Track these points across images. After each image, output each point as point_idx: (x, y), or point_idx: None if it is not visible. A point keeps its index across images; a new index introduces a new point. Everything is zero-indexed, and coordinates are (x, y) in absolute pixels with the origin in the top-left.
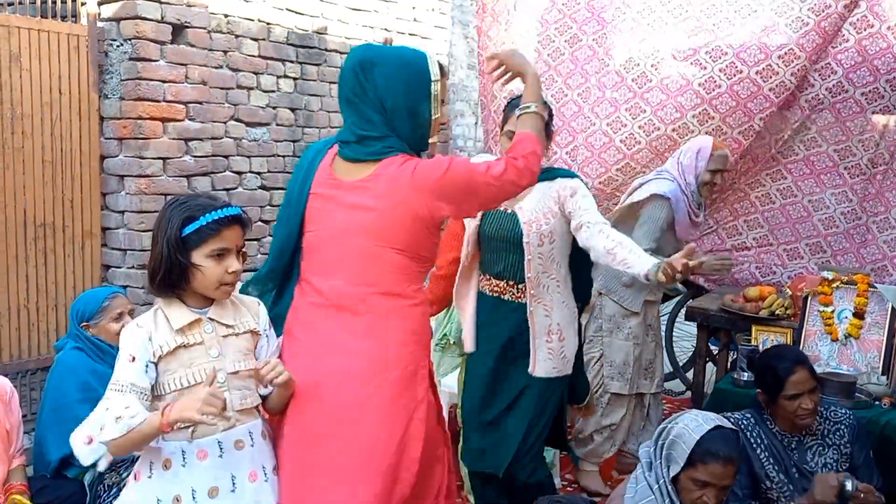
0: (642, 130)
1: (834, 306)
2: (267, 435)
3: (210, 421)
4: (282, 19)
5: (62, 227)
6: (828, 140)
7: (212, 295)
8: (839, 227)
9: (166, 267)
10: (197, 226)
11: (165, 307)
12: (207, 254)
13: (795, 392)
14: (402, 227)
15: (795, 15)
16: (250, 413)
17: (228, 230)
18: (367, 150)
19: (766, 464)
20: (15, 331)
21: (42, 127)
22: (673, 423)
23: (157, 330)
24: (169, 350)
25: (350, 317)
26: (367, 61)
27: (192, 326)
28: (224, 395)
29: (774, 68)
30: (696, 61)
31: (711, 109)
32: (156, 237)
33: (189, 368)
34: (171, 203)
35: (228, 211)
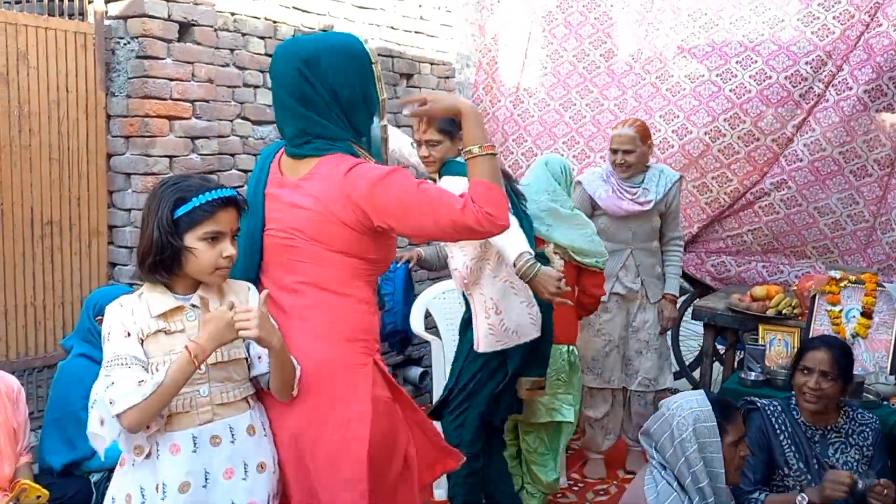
0: (675, 135)
1: (842, 305)
2: (257, 430)
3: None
4: (288, 17)
5: (69, 224)
6: (832, 142)
7: (206, 280)
8: (846, 228)
9: (157, 250)
10: (189, 207)
11: (148, 291)
12: (200, 236)
13: (807, 366)
14: (334, 229)
15: (821, 24)
16: (233, 407)
17: (223, 212)
18: (310, 146)
19: (788, 451)
20: (21, 328)
21: (49, 125)
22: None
23: (138, 313)
24: (150, 333)
25: (294, 316)
26: (311, 57)
27: (175, 313)
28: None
29: (803, 73)
30: (727, 70)
31: (742, 113)
32: (146, 219)
33: (168, 356)
34: (162, 184)
35: (223, 192)
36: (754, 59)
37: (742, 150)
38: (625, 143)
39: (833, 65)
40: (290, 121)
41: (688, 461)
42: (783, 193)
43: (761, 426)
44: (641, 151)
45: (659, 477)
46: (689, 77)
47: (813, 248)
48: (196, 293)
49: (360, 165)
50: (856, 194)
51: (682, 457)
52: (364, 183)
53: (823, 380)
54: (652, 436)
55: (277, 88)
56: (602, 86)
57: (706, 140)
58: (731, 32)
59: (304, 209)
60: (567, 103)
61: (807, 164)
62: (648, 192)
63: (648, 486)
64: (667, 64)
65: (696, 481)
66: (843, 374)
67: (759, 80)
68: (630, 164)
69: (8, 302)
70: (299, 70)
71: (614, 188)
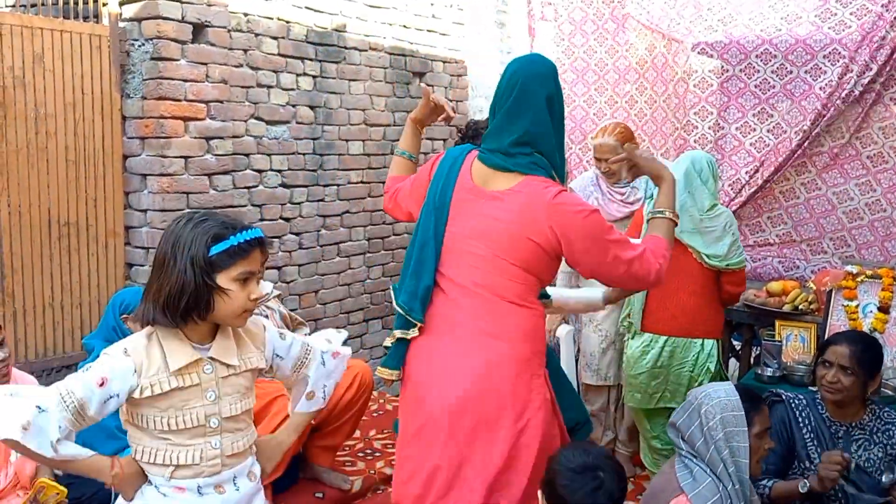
0: (711, 131)
1: (858, 300)
2: (256, 475)
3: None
4: (301, 17)
5: (86, 226)
6: (850, 129)
7: (232, 323)
8: (864, 219)
9: (190, 290)
10: (226, 245)
11: (164, 339)
12: (235, 277)
13: (828, 359)
14: (526, 246)
15: (838, 20)
16: (241, 455)
17: (255, 252)
18: (515, 161)
19: (810, 444)
20: (40, 329)
21: (65, 127)
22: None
23: (150, 366)
24: (162, 391)
25: (468, 313)
26: (547, 75)
27: (191, 367)
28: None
29: (822, 67)
30: (749, 65)
31: (769, 108)
32: (169, 258)
33: (181, 411)
34: (185, 221)
35: (256, 232)
36: (773, 54)
37: (771, 143)
38: (606, 153)
39: (848, 57)
40: (517, 128)
41: (717, 449)
42: (804, 177)
43: (784, 418)
44: None
45: (692, 464)
46: (714, 72)
47: (830, 240)
48: (213, 344)
49: (564, 193)
50: (873, 181)
51: (711, 445)
52: (568, 214)
53: (842, 373)
54: (680, 427)
55: (524, 93)
56: (614, 83)
57: (738, 136)
58: (749, 28)
59: (500, 221)
60: (589, 100)
61: (826, 148)
62: (637, 191)
63: (682, 474)
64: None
65: (727, 467)
66: (864, 369)
67: (781, 76)
68: (614, 171)
69: (27, 302)
70: (552, 80)
71: (603, 192)
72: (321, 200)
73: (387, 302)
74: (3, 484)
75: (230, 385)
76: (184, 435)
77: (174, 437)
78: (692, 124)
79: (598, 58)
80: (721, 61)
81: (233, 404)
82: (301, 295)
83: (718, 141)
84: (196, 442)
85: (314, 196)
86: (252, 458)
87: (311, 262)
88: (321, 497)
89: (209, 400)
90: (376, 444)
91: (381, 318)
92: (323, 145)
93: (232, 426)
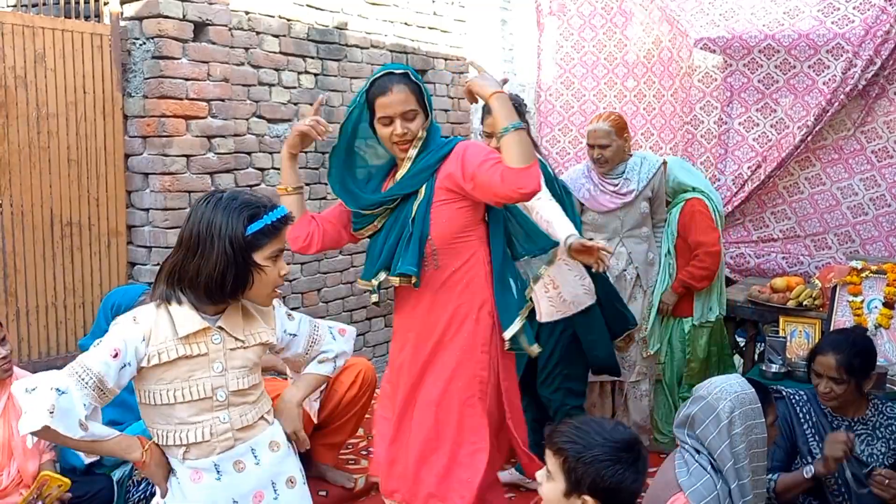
0: (716, 125)
1: (863, 296)
2: (281, 444)
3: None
4: (302, 15)
5: (88, 225)
6: (855, 123)
7: (263, 301)
8: (868, 214)
9: (233, 270)
10: (262, 224)
11: (173, 309)
12: (269, 255)
13: (817, 371)
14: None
15: (841, 14)
16: (253, 428)
17: (285, 230)
18: None
19: (811, 440)
20: (43, 328)
21: (67, 126)
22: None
23: (158, 332)
24: (168, 360)
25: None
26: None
27: (199, 335)
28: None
29: (825, 62)
30: (752, 60)
31: (772, 102)
32: (206, 239)
33: (187, 382)
34: (215, 202)
35: (284, 210)
36: (776, 49)
37: (773, 138)
38: (600, 139)
39: (852, 52)
40: None
41: (732, 443)
42: (808, 172)
43: (785, 415)
44: (618, 145)
45: (691, 460)
46: (718, 67)
47: (835, 235)
48: (222, 315)
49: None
50: (878, 176)
51: (726, 439)
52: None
53: (833, 383)
54: (691, 421)
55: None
56: (623, 77)
57: (741, 131)
58: (752, 23)
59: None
60: (599, 94)
61: (831, 142)
62: (630, 182)
63: (680, 470)
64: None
65: (736, 462)
66: (855, 374)
67: (784, 70)
68: (607, 158)
69: (29, 302)
70: None
71: (595, 184)
72: (323, 199)
73: (389, 300)
74: (6, 482)
75: (238, 358)
76: (191, 409)
77: (182, 412)
78: (698, 119)
79: (608, 52)
80: (724, 56)
81: (240, 378)
82: (304, 293)
83: (722, 136)
84: (204, 418)
85: (316, 194)
86: (270, 427)
87: (314, 261)
88: (325, 495)
89: (216, 371)
90: None
91: (384, 316)
92: (325, 143)
93: (239, 399)
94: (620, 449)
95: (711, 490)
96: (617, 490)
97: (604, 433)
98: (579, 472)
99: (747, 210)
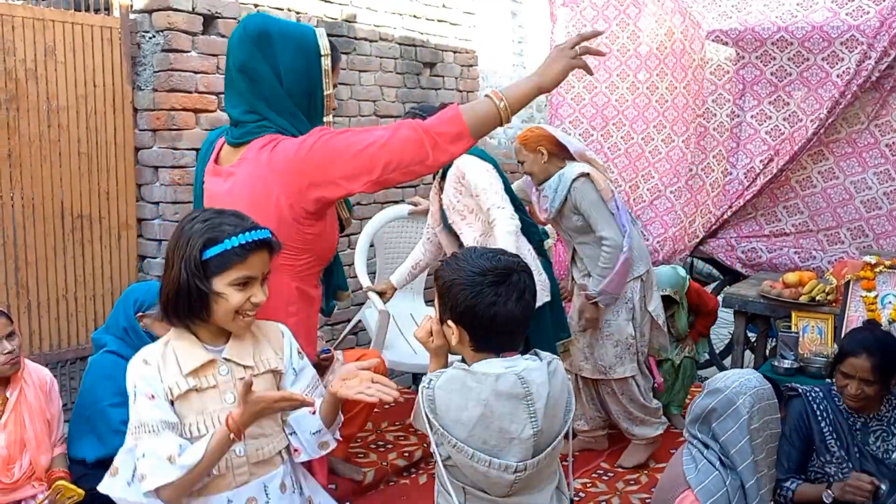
0: (728, 118)
1: (877, 291)
2: (287, 486)
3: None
4: (311, 7)
5: (98, 218)
6: (868, 115)
7: (227, 327)
8: (882, 208)
9: (184, 293)
10: (220, 250)
11: (176, 342)
12: (231, 282)
13: (848, 372)
14: (262, 217)
15: (856, 6)
16: (268, 464)
17: (256, 256)
18: (242, 130)
19: (829, 437)
20: (54, 321)
21: (77, 119)
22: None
23: (166, 369)
24: (180, 393)
25: None
26: (265, 34)
27: (206, 368)
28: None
29: (839, 54)
30: (765, 52)
31: (785, 95)
32: (171, 257)
33: (201, 415)
34: (190, 219)
35: (257, 234)
36: (789, 41)
37: (786, 131)
38: (517, 155)
39: (867, 44)
40: (235, 100)
41: (752, 438)
42: (820, 166)
43: (802, 412)
44: (532, 160)
45: (699, 456)
46: (730, 59)
47: (847, 230)
48: (227, 345)
49: (283, 142)
50: (892, 170)
51: (746, 434)
52: (293, 150)
53: (865, 385)
54: (708, 414)
55: (229, 63)
56: (636, 69)
57: (754, 124)
58: (764, 14)
59: (235, 198)
60: (611, 86)
61: (844, 136)
62: (548, 199)
63: (688, 466)
64: (704, 45)
65: (755, 457)
66: (887, 376)
67: (798, 63)
68: (527, 171)
69: (40, 295)
70: (254, 43)
71: (535, 194)
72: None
73: None
74: (18, 475)
75: None
76: None
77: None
78: (711, 112)
79: (621, 43)
80: (736, 49)
81: None
82: None
83: (734, 129)
84: None
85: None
86: (283, 467)
87: None
88: (334, 488)
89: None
90: (388, 435)
91: None
92: None
93: (256, 431)
94: (478, 273)
95: (720, 487)
96: (473, 314)
97: (470, 260)
98: (445, 299)
99: (759, 204)
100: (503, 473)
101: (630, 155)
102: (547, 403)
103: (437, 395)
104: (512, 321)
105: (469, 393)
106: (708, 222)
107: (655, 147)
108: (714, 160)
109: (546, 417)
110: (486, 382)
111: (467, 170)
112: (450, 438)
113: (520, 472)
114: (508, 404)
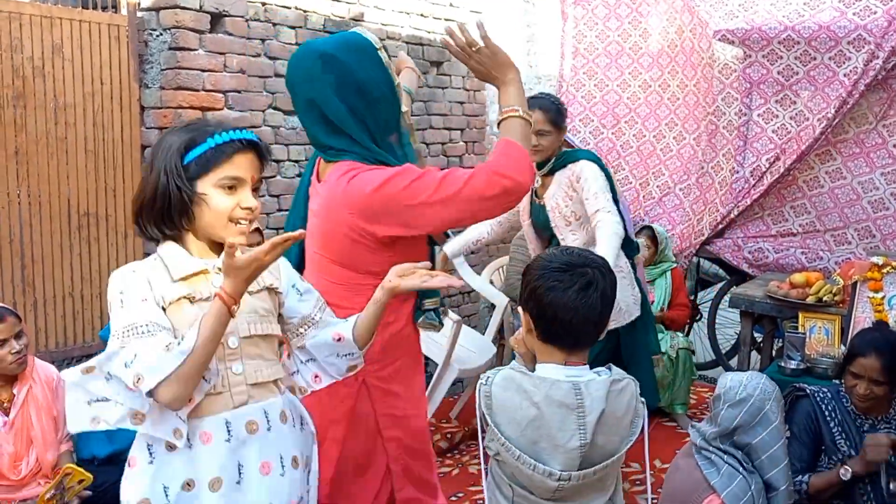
0: (737, 117)
1: (884, 292)
2: (290, 418)
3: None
4: (318, 6)
5: (105, 216)
6: (876, 115)
7: (220, 234)
8: (889, 209)
9: (163, 198)
10: (203, 149)
11: (164, 252)
12: (216, 183)
13: (857, 372)
14: (335, 239)
15: (864, 5)
16: (266, 388)
17: (242, 156)
18: (325, 150)
19: (838, 437)
20: (60, 318)
21: (84, 117)
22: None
23: (155, 277)
24: (172, 300)
25: None
26: (327, 55)
27: (198, 278)
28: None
29: (846, 54)
30: (771, 51)
31: (792, 94)
32: (150, 166)
33: (195, 328)
34: (173, 128)
35: (241, 133)
36: (796, 41)
37: (793, 130)
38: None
39: (874, 43)
40: (312, 129)
41: (769, 432)
42: (828, 166)
43: (811, 412)
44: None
45: (720, 461)
46: (737, 58)
47: (854, 230)
48: (220, 257)
49: (360, 175)
50: None
51: (779, 439)
52: (364, 190)
53: (874, 385)
54: (720, 417)
55: (295, 97)
56: (647, 66)
57: (760, 123)
58: (771, 14)
59: (316, 216)
60: (623, 84)
61: (852, 136)
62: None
63: (709, 471)
64: (711, 44)
65: (767, 452)
66: (894, 377)
67: (805, 62)
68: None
69: (47, 293)
70: (315, 81)
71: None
72: None
73: None
74: (25, 472)
75: (245, 303)
76: None
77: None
78: (720, 110)
79: (633, 41)
80: (743, 48)
81: (252, 323)
82: None
83: (741, 128)
84: (216, 367)
85: None
86: (283, 398)
87: None
88: None
89: None
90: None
91: None
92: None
93: (253, 351)
94: (549, 260)
95: (746, 490)
96: (535, 297)
97: (552, 253)
98: (522, 289)
99: (766, 204)
100: (546, 479)
101: (642, 152)
102: (600, 419)
103: (493, 392)
104: (571, 311)
105: (524, 394)
106: (715, 220)
107: (667, 144)
108: (723, 158)
109: (600, 433)
110: (541, 387)
111: (584, 172)
112: (499, 436)
113: (563, 482)
114: (559, 412)
